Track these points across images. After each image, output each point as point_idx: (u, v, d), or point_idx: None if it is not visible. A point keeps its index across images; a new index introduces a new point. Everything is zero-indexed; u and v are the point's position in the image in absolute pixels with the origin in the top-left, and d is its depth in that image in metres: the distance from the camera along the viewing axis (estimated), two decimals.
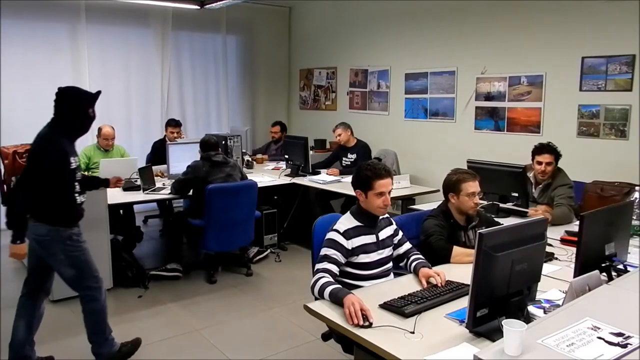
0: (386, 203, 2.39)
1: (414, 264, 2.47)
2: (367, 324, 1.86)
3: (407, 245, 2.59)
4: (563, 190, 3.57)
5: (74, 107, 2.72)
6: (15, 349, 2.88)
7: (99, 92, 2.80)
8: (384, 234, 2.50)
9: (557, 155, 3.64)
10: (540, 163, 3.62)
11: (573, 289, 1.86)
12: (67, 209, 2.78)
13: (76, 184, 2.80)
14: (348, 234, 2.36)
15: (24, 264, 4.68)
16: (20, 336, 2.89)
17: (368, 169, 2.41)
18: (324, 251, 2.31)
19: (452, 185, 2.77)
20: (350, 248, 2.35)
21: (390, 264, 2.53)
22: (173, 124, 5.88)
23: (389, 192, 2.41)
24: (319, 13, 7.55)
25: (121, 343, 3.06)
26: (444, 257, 2.60)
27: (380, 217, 2.51)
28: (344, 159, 5.72)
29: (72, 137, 2.82)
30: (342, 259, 2.32)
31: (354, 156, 5.61)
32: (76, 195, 2.81)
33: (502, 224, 2.71)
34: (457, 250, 2.62)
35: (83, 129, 2.81)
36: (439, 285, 2.22)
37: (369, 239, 2.42)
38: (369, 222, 2.44)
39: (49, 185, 2.68)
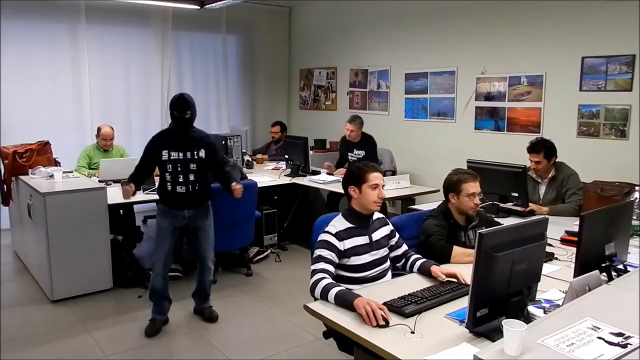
0: (381, 196, 2.41)
1: (418, 262, 2.46)
2: (384, 323, 1.87)
3: (405, 247, 2.59)
4: (574, 181, 3.75)
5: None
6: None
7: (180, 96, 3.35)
8: (379, 234, 2.49)
9: (547, 153, 3.75)
10: (531, 161, 3.81)
11: (573, 289, 1.86)
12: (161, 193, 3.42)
13: (167, 174, 3.32)
14: (339, 235, 2.35)
15: (24, 264, 4.70)
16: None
17: (360, 164, 2.52)
18: (318, 252, 2.31)
19: (452, 185, 2.77)
20: (342, 249, 2.34)
21: (387, 264, 2.52)
22: None
23: (382, 187, 2.44)
24: (319, 13, 7.54)
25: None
26: (444, 257, 2.60)
27: (375, 218, 2.51)
28: (349, 154, 5.62)
29: (170, 131, 3.44)
30: (337, 260, 2.32)
31: (361, 152, 5.52)
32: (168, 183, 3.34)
33: (502, 224, 2.71)
34: (457, 250, 2.62)
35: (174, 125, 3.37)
36: (463, 282, 2.22)
37: (362, 240, 2.41)
38: (360, 223, 2.44)
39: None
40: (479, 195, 2.76)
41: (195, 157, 3.34)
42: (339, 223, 2.41)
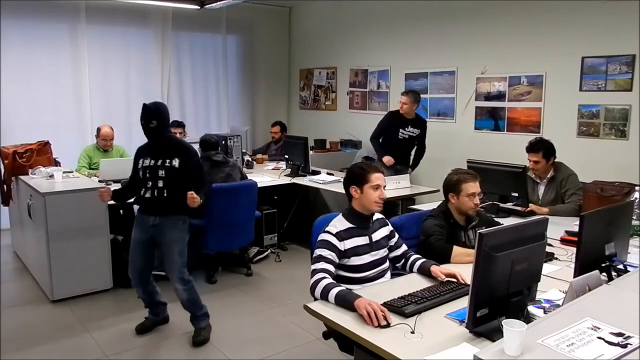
0: (382, 197, 2.41)
1: (419, 262, 2.46)
2: (385, 324, 1.87)
3: (404, 247, 2.59)
4: (573, 181, 3.73)
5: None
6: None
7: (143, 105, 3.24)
8: (379, 234, 2.49)
9: (546, 153, 3.74)
10: (530, 161, 3.80)
11: (573, 289, 1.86)
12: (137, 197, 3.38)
13: (139, 180, 3.29)
14: (340, 235, 2.35)
15: (24, 264, 4.70)
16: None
17: (362, 165, 2.52)
18: (319, 252, 2.30)
19: (452, 185, 2.77)
20: (343, 249, 2.34)
21: (387, 265, 2.52)
22: (175, 124, 5.89)
23: (383, 188, 2.44)
24: (319, 13, 7.55)
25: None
26: (443, 257, 2.60)
27: (374, 218, 2.51)
28: (400, 130, 5.31)
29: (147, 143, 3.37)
30: (337, 259, 2.32)
31: (416, 131, 5.34)
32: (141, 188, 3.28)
33: (502, 224, 2.71)
34: (457, 250, 2.62)
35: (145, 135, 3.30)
36: (462, 282, 2.22)
37: (362, 240, 2.41)
38: (361, 224, 2.44)
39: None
40: (478, 195, 2.76)
41: (166, 164, 3.21)
42: (339, 223, 2.41)
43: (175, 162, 3.22)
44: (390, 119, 5.40)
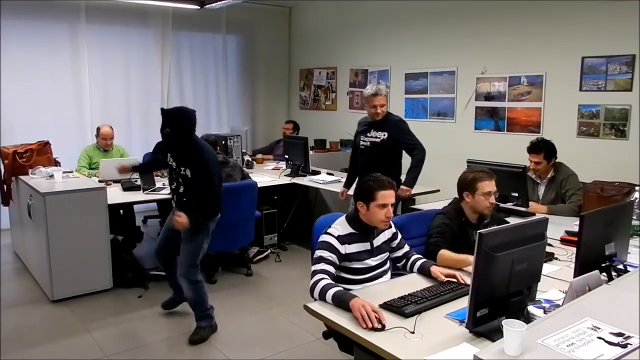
0: (388, 215, 2.35)
1: (419, 262, 2.45)
2: (379, 326, 1.84)
3: (406, 247, 2.58)
4: (573, 181, 3.74)
5: None
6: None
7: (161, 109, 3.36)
8: (380, 239, 2.47)
9: (547, 153, 3.75)
10: (531, 162, 3.80)
11: (573, 289, 1.86)
12: None
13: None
14: (341, 239, 2.33)
15: (24, 264, 4.70)
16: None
17: (371, 179, 2.40)
18: (319, 253, 2.29)
19: (467, 183, 2.70)
20: (344, 253, 2.33)
21: (387, 266, 2.51)
22: None
23: (391, 205, 2.37)
24: (319, 13, 7.54)
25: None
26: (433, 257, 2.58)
27: None
28: (362, 138, 4.10)
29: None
30: (337, 261, 2.31)
31: (381, 135, 3.98)
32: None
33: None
34: (444, 254, 2.54)
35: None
36: (462, 282, 2.22)
37: (363, 246, 2.39)
38: (363, 231, 2.40)
39: None
40: (494, 194, 2.71)
41: (181, 172, 3.25)
42: (341, 227, 2.38)
43: (188, 172, 3.24)
44: (357, 129, 4.22)
